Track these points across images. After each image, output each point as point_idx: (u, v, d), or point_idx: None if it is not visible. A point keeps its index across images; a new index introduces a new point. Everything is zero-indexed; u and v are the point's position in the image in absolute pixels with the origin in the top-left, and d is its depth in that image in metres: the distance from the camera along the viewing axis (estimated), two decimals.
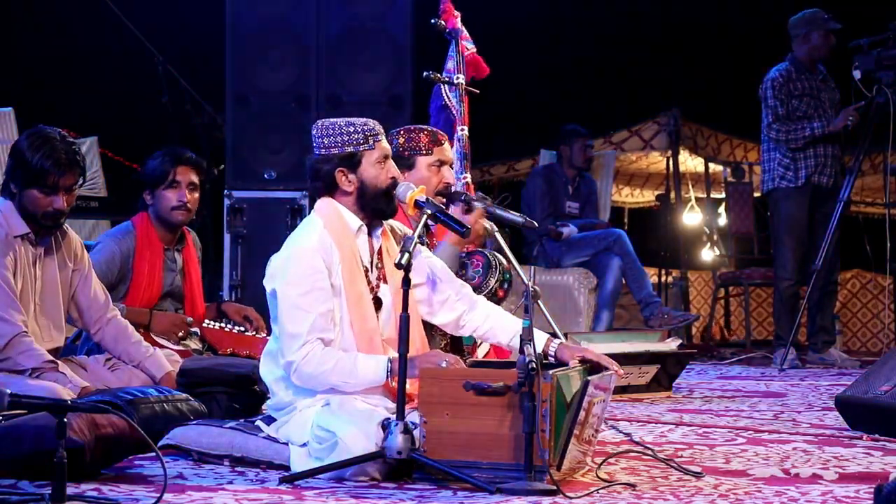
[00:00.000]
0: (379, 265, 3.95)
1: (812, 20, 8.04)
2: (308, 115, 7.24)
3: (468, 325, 4.06)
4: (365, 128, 3.90)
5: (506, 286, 4.77)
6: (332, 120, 3.94)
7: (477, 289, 4.61)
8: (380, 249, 3.97)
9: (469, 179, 5.46)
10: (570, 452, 3.59)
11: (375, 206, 3.92)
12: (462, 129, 5.54)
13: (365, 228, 3.93)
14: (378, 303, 3.92)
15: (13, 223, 4.43)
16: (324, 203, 3.93)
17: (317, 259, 3.80)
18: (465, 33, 5.79)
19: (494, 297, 4.65)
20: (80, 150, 4.52)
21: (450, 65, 5.73)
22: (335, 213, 3.90)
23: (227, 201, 7.28)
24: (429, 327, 4.15)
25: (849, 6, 8.73)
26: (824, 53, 8.09)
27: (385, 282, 3.94)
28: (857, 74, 7.55)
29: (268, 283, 3.86)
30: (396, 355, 3.70)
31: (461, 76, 5.64)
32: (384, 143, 3.95)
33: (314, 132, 3.94)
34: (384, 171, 3.92)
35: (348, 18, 7.34)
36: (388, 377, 3.74)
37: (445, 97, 5.65)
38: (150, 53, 8.08)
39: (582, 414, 3.59)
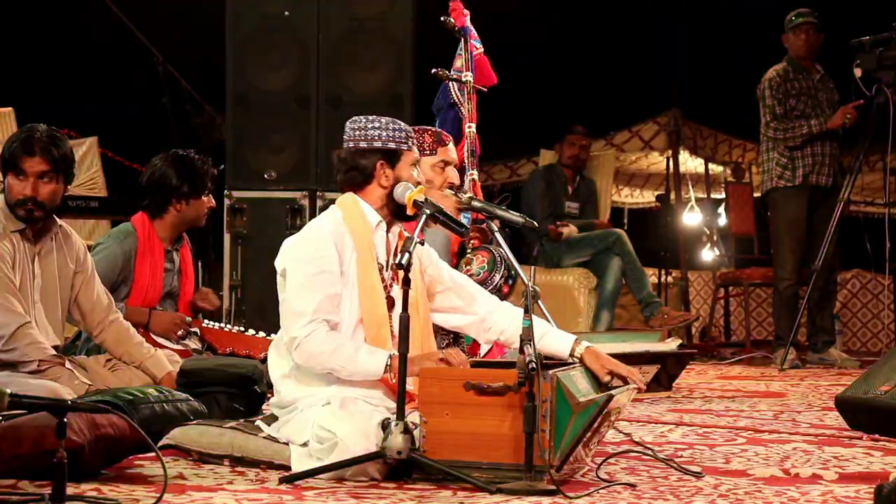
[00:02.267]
0: (394, 265, 3.97)
1: (787, 22, 8.12)
2: (308, 115, 7.25)
3: (494, 328, 4.08)
4: (407, 129, 4.00)
5: (511, 282, 4.78)
6: (373, 116, 4.00)
7: (482, 284, 4.62)
8: (396, 249, 3.99)
9: (476, 176, 5.45)
10: (573, 455, 3.60)
11: (400, 206, 3.94)
12: (470, 127, 5.53)
13: (384, 226, 3.96)
14: (391, 303, 3.93)
15: (10, 219, 4.44)
16: (346, 197, 3.99)
17: (329, 243, 3.84)
18: (474, 33, 5.78)
19: (499, 293, 4.66)
20: (68, 144, 4.49)
21: (458, 63, 5.72)
22: (356, 207, 3.95)
23: (227, 201, 7.28)
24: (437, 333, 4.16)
25: (853, 4, 8.74)
26: (805, 52, 8.11)
27: (398, 283, 3.96)
28: (857, 72, 7.55)
29: (279, 263, 3.90)
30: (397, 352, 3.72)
31: (469, 74, 5.63)
32: (416, 149, 4.01)
33: (353, 125, 3.98)
34: (413, 175, 3.98)
35: (348, 18, 7.34)
36: (386, 372, 3.74)
37: (455, 95, 5.64)
38: (150, 53, 8.08)
39: (596, 424, 3.59)
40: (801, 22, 8.08)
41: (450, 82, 5.63)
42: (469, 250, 4.76)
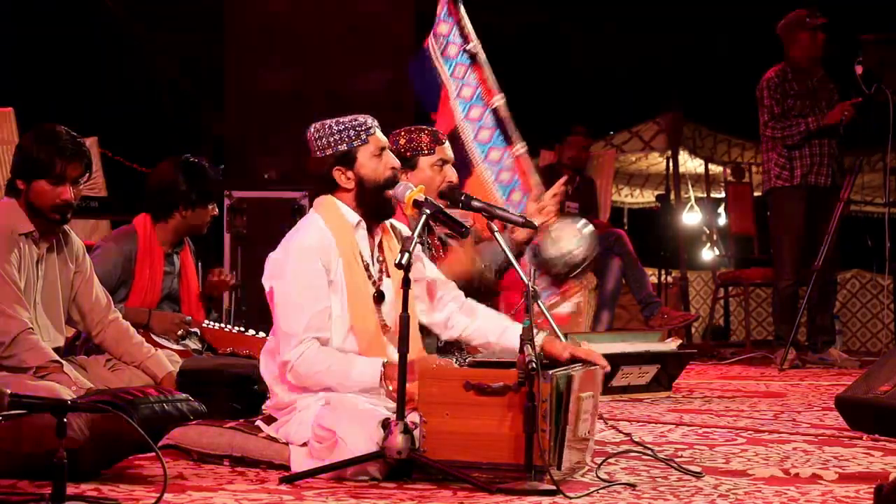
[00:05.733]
0: (380, 259, 3.96)
1: (797, 22, 8.07)
2: (308, 115, 7.24)
3: (457, 326, 4.09)
4: (354, 123, 3.93)
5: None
6: (323, 122, 3.98)
7: (568, 256, 4.63)
8: (380, 244, 3.98)
9: (525, 150, 5.27)
10: (568, 451, 3.59)
11: (373, 203, 3.92)
12: (498, 99, 5.28)
13: (364, 224, 3.94)
14: (381, 296, 3.92)
15: (18, 221, 4.44)
16: (323, 199, 3.96)
17: (313, 257, 3.81)
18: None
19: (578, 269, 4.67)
20: (86, 143, 4.54)
21: (443, 28, 5.44)
22: (334, 209, 3.92)
23: (227, 201, 7.28)
24: (426, 330, 4.15)
25: (852, 3, 8.74)
26: (815, 52, 8.09)
27: (388, 276, 3.95)
28: (858, 70, 7.53)
29: (266, 282, 3.88)
30: (389, 359, 3.73)
31: (475, 43, 5.34)
32: (379, 136, 3.96)
33: (308, 136, 3.97)
34: (382, 164, 3.93)
35: (348, 18, 7.35)
36: (381, 380, 3.74)
37: (435, 59, 5.32)
38: (150, 53, 8.08)
39: (571, 409, 3.58)
40: (820, 24, 8.03)
41: (429, 48, 5.36)
42: (554, 226, 4.76)
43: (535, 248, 4.82)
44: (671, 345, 6.36)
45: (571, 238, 4.81)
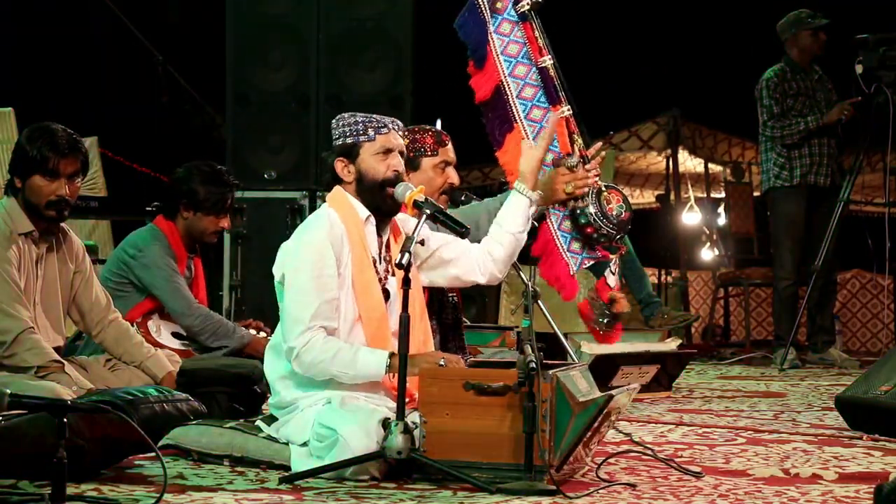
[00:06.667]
0: (386, 257, 3.97)
1: (797, 21, 8.06)
2: (308, 115, 7.25)
3: (486, 250, 4.14)
4: (367, 120, 3.96)
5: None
6: (347, 113, 4.02)
7: (624, 224, 4.64)
8: (387, 241, 3.99)
9: (571, 112, 5.19)
10: (573, 455, 3.60)
11: (372, 199, 3.93)
12: (545, 60, 5.15)
13: (373, 220, 3.95)
14: (387, 294, 3.93)
15: (17, 221, 4.44)
16: (336, 191, 3.99)
17: (326, 247, 3.83)
18: None
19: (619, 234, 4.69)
20: (83, 141, 4.54)
21: None
22: (345, 202, 3.95)
23: None
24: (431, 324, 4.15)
25: (847, 4, 8.74)
26: (816, 51, 8.10)
27: (393, 274, 3.96)
28: (858, 69, 7.53)
29: (277, 270, 3.90)
30: (395, 351, 3.72)
31: (527, 1, 5.15)
32: (390, 137, 3.96)
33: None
34: (384, 164, 3.93)
35: (348, 18, 7.35)
36: (387, 372, 3.75)
37: (484, 12, 5.05)
38: (150, 53, 8.07)
39: (596, 424, 3.59)
40: (824, 24, 8.02)
41: (479, 1, 5.11)
42: (604, 187, 4.75)
43: (576, 210, 4.80)
44: (671, 345, 6.36)
45: (622, 199, 4.79)
